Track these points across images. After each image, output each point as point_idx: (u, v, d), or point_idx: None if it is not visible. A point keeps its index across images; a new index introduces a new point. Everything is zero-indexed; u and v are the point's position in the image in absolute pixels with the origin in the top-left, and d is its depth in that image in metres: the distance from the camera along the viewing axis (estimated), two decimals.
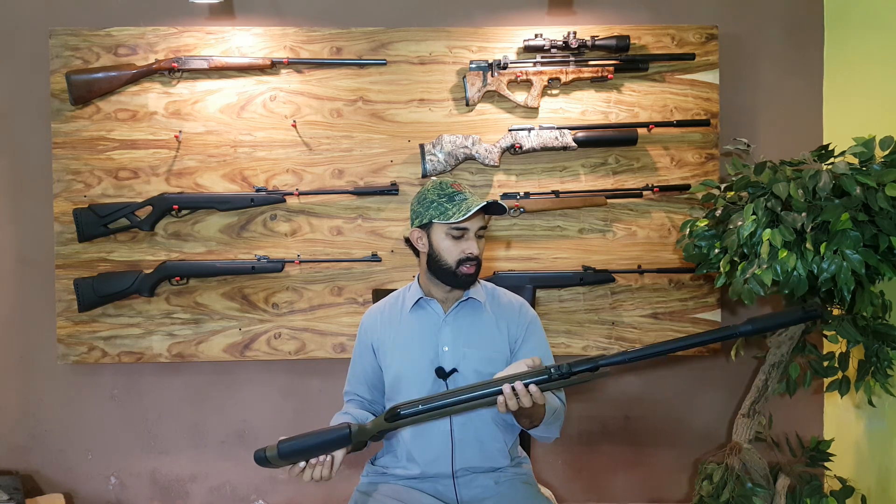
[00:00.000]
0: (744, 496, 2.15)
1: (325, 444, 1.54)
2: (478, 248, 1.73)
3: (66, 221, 2.48)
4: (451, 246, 1.72)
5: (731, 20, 2.60)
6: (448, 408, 1.50)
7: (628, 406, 2.66)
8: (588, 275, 2.49)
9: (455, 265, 1.72)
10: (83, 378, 2.59)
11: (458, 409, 1.51)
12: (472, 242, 1.72)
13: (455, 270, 1.72)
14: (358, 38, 2.52)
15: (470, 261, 1.72)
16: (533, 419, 1.63)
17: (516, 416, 1.65)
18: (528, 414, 1.61)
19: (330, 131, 2.53)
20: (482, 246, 1.76)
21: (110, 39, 2.50)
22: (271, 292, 2.53)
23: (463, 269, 1.72)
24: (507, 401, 1.47)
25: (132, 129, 2.50)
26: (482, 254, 1.76)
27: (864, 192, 1.85)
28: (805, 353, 2.24)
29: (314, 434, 1.55)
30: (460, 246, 1.72)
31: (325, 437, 1.54)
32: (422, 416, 1.51)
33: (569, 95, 2.54)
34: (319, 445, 1.54)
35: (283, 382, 2.62)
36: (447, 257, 1.72)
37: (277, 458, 1.53)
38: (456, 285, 1.75)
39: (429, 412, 1.50)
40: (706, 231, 2.16)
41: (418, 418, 1.51)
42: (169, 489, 2.63)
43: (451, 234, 1.71)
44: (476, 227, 1.73)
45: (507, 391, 1.47)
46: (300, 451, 1.53)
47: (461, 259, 1.72)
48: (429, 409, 1.50)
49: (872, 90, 2.37)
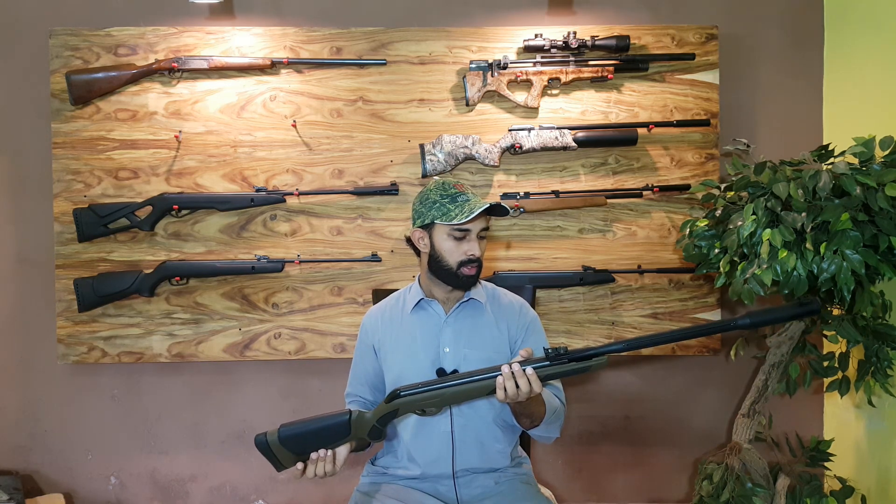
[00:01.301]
0: (744, 496, 2.16)
1: (325, 430, 1.55)
2: (479, 249, 1.73)
3: (66, 221, 2.48)
4: (452, 247, 1.71)
5: (731, 20, 2.60)
6: (447, 390, 1.52)
7: (628, 406, 2.66)
8: (588, 275, 2.49)
9: (456, 266, 1.72)
10: (83, 378, 2.59)
11: (459, 394, 1.53)
12: (475, 244, 1.72)
13: (456, 272, 1.72)
14: (358, 38, 2.52)
15: (471, 262, 1.71)
16: (533, 418, 1.63)
17: (517, 416, 1.65)
18: (529, 413, 1.61)
19: (330, 131, 2.53)
20: (484, 247, 1.76)
21: (110, 39, 2.50)
22: (271, 292, 2.53)
23: (464, 270, 1.72)
24: (506, 382, 1.48)
25: (132, 129, 2.50)
26: (483, 255, 1.76)
27: (864, 192, 1.85)
28: (805, 353, 2.24)
29: (315, 419, 1.57)
30: (462, 247, 1.71)
31: (326, 423, 1.56)
32: (421, 398, 1.53)
33: (569, 95, 2.54)
34: (319, 431, 1.55)
35: (283, 382, 2.62)
36: (449, 258, 1.72)
37: (278, 443, 1.54)
38: (457, 286, 1.75)
39: (428, 393, 1.53)
40: (706, 231, 2.16)
41: (417, 398, 1.54)
42: (169, 489, 2.63)
43: (453, 236, 1.71)
44: (478, 229, 1.73)
45: (505, 371, 1.49)
46: (301, 435, 1.54)
47: (463, 261, 1.71)
48: (428, 391, 1.53)
49: (872, 90, 2.37)
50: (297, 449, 1.56)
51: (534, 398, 1.58)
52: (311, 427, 1.56)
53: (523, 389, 1.49)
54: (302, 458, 1.57)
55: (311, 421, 1.57)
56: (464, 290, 1.77)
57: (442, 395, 1.53)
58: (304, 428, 1.55)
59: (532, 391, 1.49)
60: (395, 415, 1.58)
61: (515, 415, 1.66)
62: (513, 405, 1.60)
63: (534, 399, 1.59)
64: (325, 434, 1.55)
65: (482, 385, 1.52)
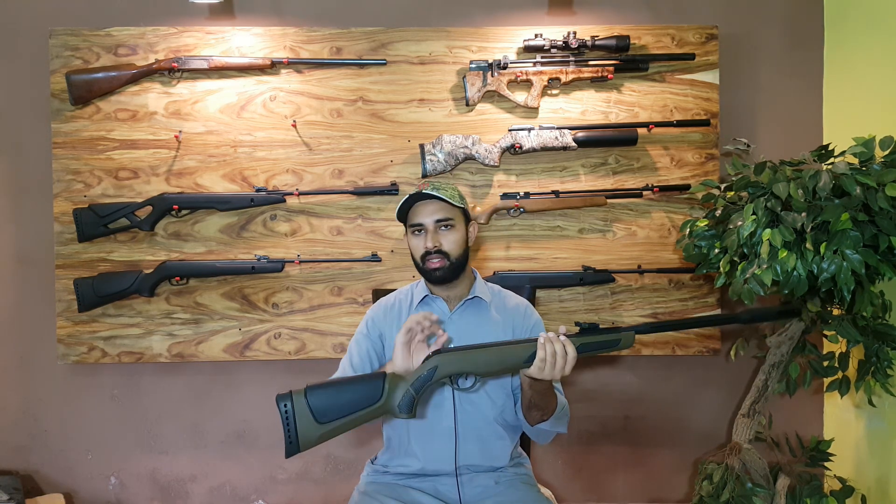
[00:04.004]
0: (744, 496, 2.16)
1: (356, 392, 1.47)
2: (435, 241, 1.73)
3: (66, 221, 2.48)
4: (416, 243, 1.77)
5: (731, 20, 2.60)
6: (485, 352, 1.52)
7: (628, 406, 2.66)
8: (588, 275, 2.49)
9: (421, 261, 1.76)
10: (83, 378, 2.59)
11: (494, 362, 1.52)
12: (430, 236, 1.73)
13: (423, 267, 1.76)
14: (358, 38, 2.52)
15: (431, 254, 1.73)
16: (545, 410, 1.65)
17: (529, 409, 1.66)
18: (544, 404, 1.63)
19: (330, 131, 2.53)
20: (453, 238, 1.75)
21: (110, 39, 2.50)
22: (271, 292, 2.53)
23: (428, 264, 1.74)
24: (546, 344, 1.50)
25: (132, 129, 2.50)
26: (457, 247, 1.75)
27: (864, 192, 1.85)
28: (805, 352, 2.24)
29: (344, 380, 1.52)
30: (421, 242, 1.75)
31: (358, 384, 1.50)
32: (461, 356, 1.52)
33: (569, 95, 2.54)
34: (350, 392, 1.47)
35: (283, 382, 2.61)
36: (415, 254, 1.77)
37: (305, 405, 1.43)
38: (430, 280, 1.78)
39: (468, 352, 1.53)
40: (706, 231, 2.16)
41: (457, 355, 1.52)
42: (169, 489, 2.63)
43: (412, 232, 1.77)
44: (431, 222, 1.74)
45: (549, 335, 1.51)
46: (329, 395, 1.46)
47: (422, 254, 1.75)
48: (468, 348, 1.54)
49: (872, 90, 2.37)
50: (321, 408, 1.44)
51: (548, 388, 1.62)
52: (340, 384, 1.47)
53: (559, 354, 1.50)
54: (321, 430, 1.44)
55: (341, 382, 1.49)
56: (435, 283, 1.79)
57: (478, 358, 1.52)
58: (331, 384, 1.47)
59: (567, 360, 1.51)
60: (431, 379, 1.50)
61: (528, 408, 1.66)
62: (531, 392, 1.61)
63: (549, 389, 1.63)
64: (356, 394, 1.46)
65: (520, 351, 1.51)
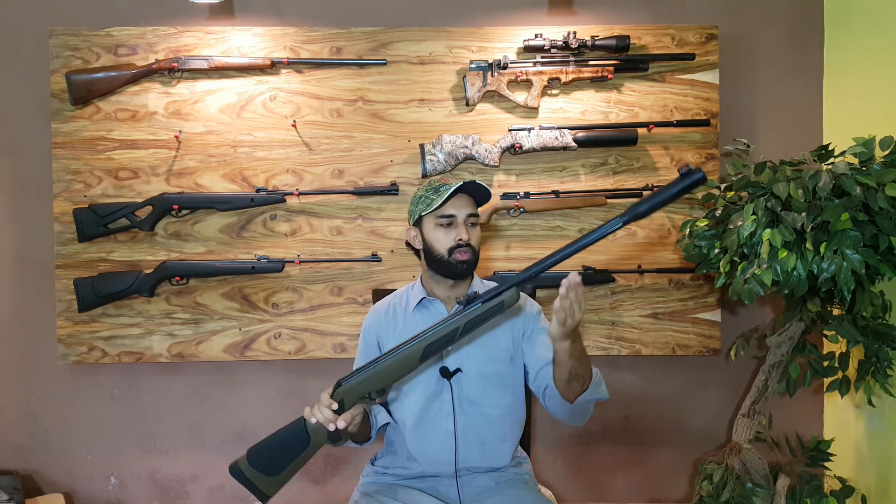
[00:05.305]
0: (744, 496, 2.16)
1: (284, 442, 1.52)
2: (468, 234, 1.72)
3: (66, 221, 2.48)
4: (441, 235, 1.73)
5: (731, 20, 2.60)
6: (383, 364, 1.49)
7: (628, 406, 2.66)
8: (588, 275, 2.49)
9: (447, 254, 1.72)
10: (83, 378, 2.59)
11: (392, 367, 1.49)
12: (462, 229, 1.72)
13: (448, 259, 1.72)
14: (358, 38, 2.52)
15: (461, 247, 1.71)
16: (584, 379, 1.58)
17: (569, 380, 1.57)
18: (582, 371, 1.55)
19: (330, 131, 2.53)
20: (477, 234, 1.75)
21: (110, 39, 2.49)
22: (271, 292, 2.53)
23: (456, 255, 1.72)
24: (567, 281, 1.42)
25: (132, 129, 2.50)
26: (478, 243, 1.75)
27: (864, 192, 1.85)
28: (805, 352, 2.24)
29: (274, 434, 1.55)
30: (450, 234, 1.72)
31: (282, 434, 1.54)
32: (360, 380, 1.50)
33: (569, 95, 2.54)
34: (279, 443, 1.53)
35: (283, 382, 2.62)
36: (439, 247, 1.73)
37: (249, 466, 1.52)
38: (453, 275, 1.74)
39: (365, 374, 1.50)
40: (706, 231, 2.16)
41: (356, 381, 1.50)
42: (169, 489, 2.63)
43: (439, 224, 1.73)
44: (464, 215, 1.73)
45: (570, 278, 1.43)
46: (263, 451, 1.53)
47: (452, 247, 1.72)
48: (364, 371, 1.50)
49: (872, 90, 2.37)
50: (266, 469, 1.52)
51: (583, 350, 1.54)
52: (270, 442, 1.53)
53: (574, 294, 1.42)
54: (276, 480, 1.53)
55: (271, 436, 1.55)
56: (460, 278, 1.76)
57: (378, 371, 1.49)
58: (265, 444, 1.53)
59: (576, 286, 1.42)
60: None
61: (568, 381, 1.57)
62: (571, 361, 1.53)
63: (584, 351, 1.55)
64: (287, 446, 1.52)
65: (410, 351, 1.48)
